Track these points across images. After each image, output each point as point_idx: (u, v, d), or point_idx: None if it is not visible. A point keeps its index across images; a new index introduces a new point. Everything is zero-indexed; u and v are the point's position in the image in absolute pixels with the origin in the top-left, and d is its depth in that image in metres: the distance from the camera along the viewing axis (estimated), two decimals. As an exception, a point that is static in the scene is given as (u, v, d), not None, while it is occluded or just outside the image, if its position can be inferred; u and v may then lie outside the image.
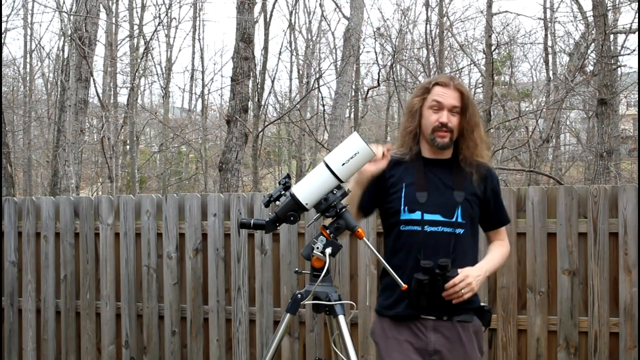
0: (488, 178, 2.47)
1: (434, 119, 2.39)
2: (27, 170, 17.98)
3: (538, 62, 17.84)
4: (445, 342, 2.36)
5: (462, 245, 2.38)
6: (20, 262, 4.66)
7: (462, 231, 2.38)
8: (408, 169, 2.45)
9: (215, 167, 13.48)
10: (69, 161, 9.14)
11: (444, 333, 2.37)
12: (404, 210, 2.39)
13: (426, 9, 14.00)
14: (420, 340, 2.37)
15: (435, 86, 2.43)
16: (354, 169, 2.34)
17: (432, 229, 2.36)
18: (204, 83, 19.10)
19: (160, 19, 15.48)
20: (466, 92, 2.43)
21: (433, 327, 2.37)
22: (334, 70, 15.02)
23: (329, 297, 2.39)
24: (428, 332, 2.37)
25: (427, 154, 2.46)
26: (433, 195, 2.39)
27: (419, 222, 2.37)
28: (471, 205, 2.41)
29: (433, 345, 2.36)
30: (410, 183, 2.41)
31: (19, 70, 19.09)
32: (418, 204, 2.38)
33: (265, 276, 4.12)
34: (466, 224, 2.38)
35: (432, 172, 2.43)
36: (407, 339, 2.38)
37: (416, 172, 2.42)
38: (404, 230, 2.40)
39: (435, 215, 2.36)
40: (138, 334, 4.39)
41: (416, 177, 2.41)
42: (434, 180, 2.40)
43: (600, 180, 9.03)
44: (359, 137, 2.32)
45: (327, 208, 2.34)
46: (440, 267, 2.26)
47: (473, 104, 2.45)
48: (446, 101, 2.39)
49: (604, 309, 3.59)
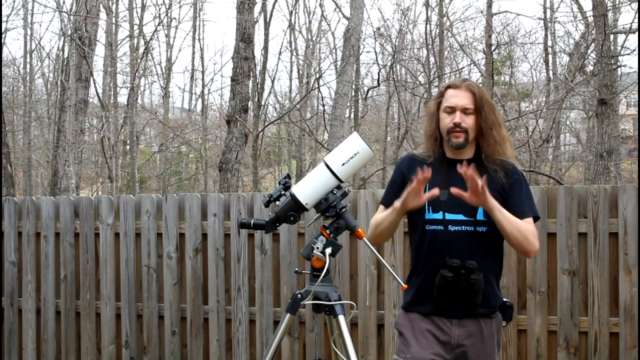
0: (510, 173, 2.52)
1: (448, 121, 2.48)
2: (27, 170, 17.97)
3: (538, 62, 17.83)
4: (468, 336, 2.45)
5: (484, 243, 2.45)
6: (20, 262, 4.66)
7: (485, 229, 2.45)
8: (432, 169, 2.50)
9: (215, 167, 13.49)
10: (69, 161, 9.14)
11: (467, 328, 2.45)
12: (428, 210, 2.48)
13: (426, 9, 13.99)
14: (445, 334, 2.45)
15: (448, 89, 2.53)
16: (354, 169, 2.34)
17: (455, 228, 2.44)
18: (204, 83, 19.09)
19: (160, 19, 15.48)
20: (478, 92, 2.50)
21: (458, 323, 2.45)
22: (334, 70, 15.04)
23: (329, 297, 2.39)
24: (453, 327, 2.45)
25: (450, 155, 2.54)
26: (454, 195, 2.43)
27: (441, 221, 2.46)
28: None
29: (457, 339, 2.44)
30: (434, 183, 2.46)
31: (19, 70, 19.11)
32: (441, 203, 2.45)
33: (265, 276, 4.12)
34: (488, 222, 2.44)
35: (455, 172, 2.46)
36: (432, 332, 2.46)
37: (439, 172, 2.49)
38: (429, 229, 2.47)
39: (458, 215, 2.45)
40: (138, 334, 4.39)
41: (440, 178, 2.47)
42: (456, 179, 2.44)
43: (600, 180, 9.02)
44: (359, 137, 2.32)
45: (327, 208, 2.35)
46: (467, 268, 2.35)
47: (489, 103, 2.51)
48: (458, 103, 2.47)
49: (604, 309, 3.59)
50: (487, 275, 2.45)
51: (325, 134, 11.37)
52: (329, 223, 2.38)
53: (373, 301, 3.89)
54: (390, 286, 3.88)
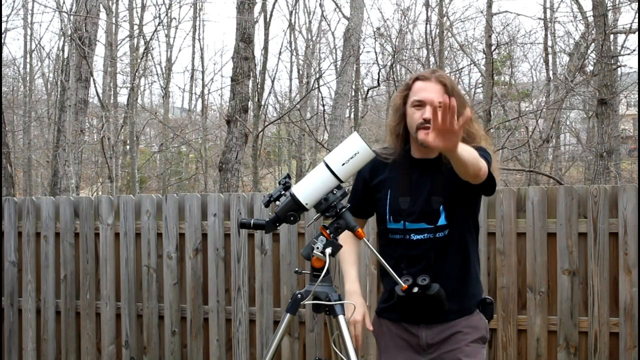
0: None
1: (417, 117, 2.29)
2: (27, 170, 17.98)
3: (538, 62, 17.85)
4: (437, 336, 2.36)
5: (448, 247, 2.33)
6: (20, 262, 4.66)
7: (447, 232, 2.33)
8: (393, 170, 2.39)
9: (215, 167, 13.49)
10: (69, 161, 9.14)
11: (437, 328, 2.36)
12: (390, 220, 2.38)
13: (426, 9, 14.01)
14: (414, 336, 2.39)
15: (416, 81, 2.34)
16: (354, 169, 2.33)
17: (417, 237, 2.33)
18: (204, 83, 19.12)
19: (160, 19, 15.50)
20: (450, 83, 2.30)
21: (426, 327, 2.37)
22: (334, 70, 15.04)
23: (329, 297, 2.39)
24: (420, 329, 2.38)
25: (416, 154, 2.39)
26: (417, 202, 2.34)
27: (402, 231, 2.35)
28: (454, 202, 2.32)
29: (425, 340, 2.37)
30: (395, 189, 2.36)
31: (19, 70, 19.13)
32: (401, 212, 2.34)
33: (265, 276, 4.12)
34: (449, 224, 2.32)
35: (418, 174, 2.36)
36: (403, 337, 2.41)
37: (401, 176, 2.37)
38: (392, 238, 2.39)
39: (419, 224, 2.33)
40: (138, 334, 4.39)
41: (401, 182, 2.36)
42: (419, 183, 2.34)
43: (600, 180, 9.03)
44: (359, 137, 2.32)
45: (327, 208, 2.34)
46: (419, 285, 2.24)
47: (459, 96, 2.30)
48: (428, 96, 2.27)
49: (604, 309, 3.59)
50: (458, 277, 2.35)
51: (325, 134, 11.38)
52: (329, 223, 2.37)
53: (373, 301, 3.89)
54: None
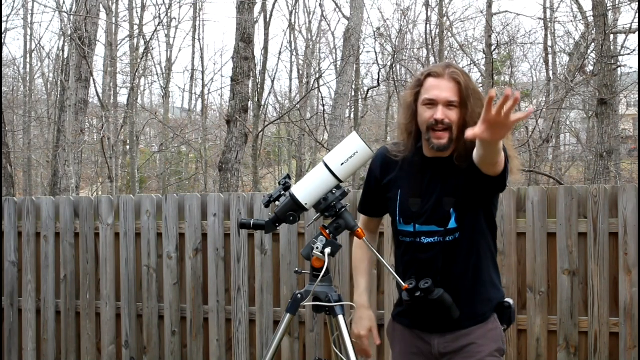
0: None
1: (428, 116, 2.15)
2: (27, 170, 17.98)
3: (538, 62, 17.83)
4: (450, 345, 2.28)
5: (459, 251, 2.25)
6: (20, 262, 4.66)
7: (457, 235, 2.24)
8: (404, 169, 2.31)
9: (215, 167, 13.48)
10: (69, 161, 9.14)
11: (448, 337, 2.29)
12: (400, 221, 2.31)
13: (426, 9, 14.01)
14: (426, 344, 2.32)
15: (428, 78, 2.18)
16: (353, 169, 2.33)
17: (427, 240, 2.25)
18: (204, 83, 19.10)
19: (160, 19, 15.48)
20: (464, 81, 2.14)
21: (439, 335, 2.30)
22: (334, 70, 15.03)
23: (329, 297, 2.39)
24: (432, 337, 2.30)
25: (428, 153, 2.26)
26: (428, 204, 2.24)
27: (412, 234, 2.27)
28: (466, 204, 2.23)
29: (437, 348, 2.29)
30: (406, 189, 2.28)
31: (19, 70, 19.12)
32: (412, 215, 2.26)
33: (265, 276, 4.12)
34: (459, 228, 2.23)
35: (430, 174, 2.26)
36: (415, 344, 2.36)
37: (412, 175, 2.28)
38: (402, 240, 2.34)
39: (430, 227, 2.24)
40: (138, 334, 4.39)
41: (412, 182, 2.27)
42: (431, 184, 2.25)
43: (600, 180, 9.03)
44: (358, 136, 2.32)
45: (326, 208, 2.34)
46: (422, 289, 2.16)
47: (476, 93, 2.15)
48: (440, 95, 2.13)
49: (604, 309, 3.58)
50: (469, 282, 2.26)
51: (325, 134, 11.38)
52: (328, 223, 2.37)
53: (373, 301, 3.88)
54: (390, 286, 3.87)
